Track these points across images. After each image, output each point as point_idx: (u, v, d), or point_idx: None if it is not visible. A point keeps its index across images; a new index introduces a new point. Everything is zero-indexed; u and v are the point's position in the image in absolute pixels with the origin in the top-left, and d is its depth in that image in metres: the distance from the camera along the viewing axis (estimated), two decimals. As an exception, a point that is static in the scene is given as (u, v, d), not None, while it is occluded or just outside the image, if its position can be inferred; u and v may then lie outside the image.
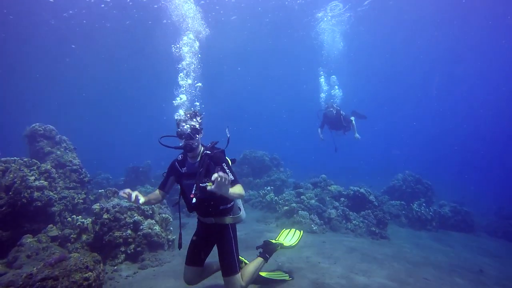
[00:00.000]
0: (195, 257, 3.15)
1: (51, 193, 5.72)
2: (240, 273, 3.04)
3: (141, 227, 5.08)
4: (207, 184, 2.64)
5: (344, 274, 4.49)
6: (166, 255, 5.13)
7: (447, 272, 5.26)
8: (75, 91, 29.13)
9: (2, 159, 6.50)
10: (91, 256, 3.55)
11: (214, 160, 2.88)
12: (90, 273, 3.28)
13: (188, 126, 2.82)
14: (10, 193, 5.38)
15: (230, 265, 2.98)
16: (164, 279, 4.15)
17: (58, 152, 7.46)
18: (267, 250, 3.72)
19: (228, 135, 3.14)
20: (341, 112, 8.75)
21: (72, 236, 4.96)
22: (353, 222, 8.08)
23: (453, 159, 39.98)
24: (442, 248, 7.19)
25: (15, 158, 6.61)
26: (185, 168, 2.97)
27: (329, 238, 6.88)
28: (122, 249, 4.75)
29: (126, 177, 12.77)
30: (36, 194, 5.46)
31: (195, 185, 2.72)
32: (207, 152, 2.94)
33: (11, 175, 5.89)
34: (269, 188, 10.54)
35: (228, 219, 3.08)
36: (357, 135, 8.82)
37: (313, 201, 8.51)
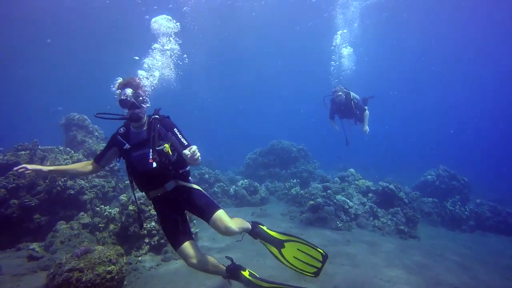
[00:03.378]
0: (179, 234, 2.84)
1: (83, 182, 6.01)
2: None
3: (165, 219, 5.19)
4: (163, 147, 2.63)
5: (366, 279, 4.32)
6: (189, 247, 5.21)
7: (482, 281, 4.91)
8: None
9: (41, 147, 6.93)
10: (114, 249, 3.68)
11: (164, 125, 2.80)
12: (113, 266, 3.41)
13: (132, 93, 2.68)
14: (47, 181, 5.72)
15: (211, 203, 2.84)
16: (185, 273, 4.23)
17: (90, 141, 7.81)
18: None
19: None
20: (351, 94, 7.15)
21: (100, 225, 5.20)
22: (381, 219, 7.78)
23: (493, 156, 37.01)
24: (477, 252, 6.74)
25: (52, 146, 7.02)
26: (131, 140, 2.79)
27: (354, 236, 6.67)
28: (146, 240, 4.90)
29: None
30: (69, 182, 5.76)
31: (151, 150, 2.64)
32: (155, 116, 2.83)
33: (48, 163, 6.27)
34: (295, 181, 10.40)
35: (189, 183, 2.94)
36: (366, 127, 7.12)
37: (340, 196, 8.27)
